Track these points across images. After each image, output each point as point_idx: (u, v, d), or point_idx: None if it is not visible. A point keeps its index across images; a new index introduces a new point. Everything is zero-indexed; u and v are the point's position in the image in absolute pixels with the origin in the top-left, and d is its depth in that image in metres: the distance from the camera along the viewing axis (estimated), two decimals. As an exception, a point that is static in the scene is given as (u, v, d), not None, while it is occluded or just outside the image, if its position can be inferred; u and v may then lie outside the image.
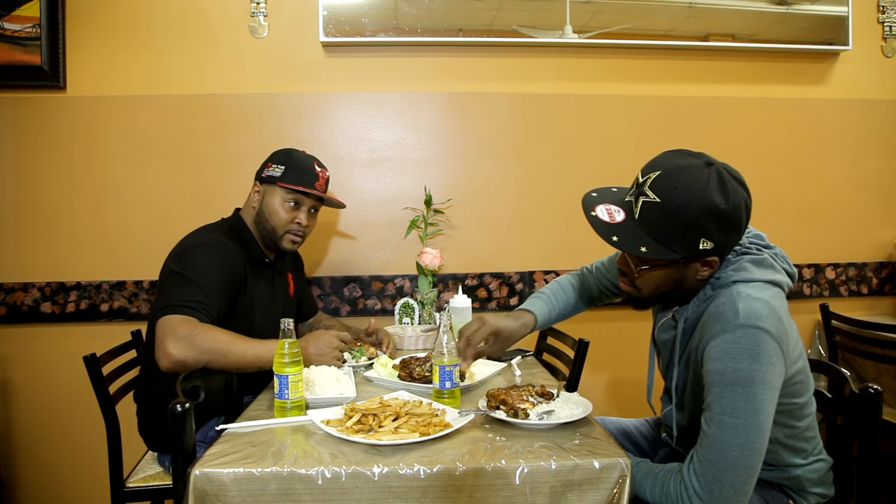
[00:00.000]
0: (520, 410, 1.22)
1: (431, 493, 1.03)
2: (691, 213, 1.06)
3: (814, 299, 2.54)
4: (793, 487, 1.23)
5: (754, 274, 1.13)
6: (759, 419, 1.02)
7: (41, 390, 2.31)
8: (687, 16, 2.44)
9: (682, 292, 1.20)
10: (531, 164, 2.45)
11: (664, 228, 1.09)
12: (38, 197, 2.29)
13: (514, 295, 2.45)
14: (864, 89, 2.59)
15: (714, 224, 1.07)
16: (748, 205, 1.11)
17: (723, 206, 1.06)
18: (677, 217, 1.07)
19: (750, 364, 1.02)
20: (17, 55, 2.23)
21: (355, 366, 1.72)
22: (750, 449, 1.02)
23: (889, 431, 2.06)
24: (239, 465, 1.04)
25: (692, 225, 1.07)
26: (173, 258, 1.64)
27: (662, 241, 1.10)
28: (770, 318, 1.05)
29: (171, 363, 1.44)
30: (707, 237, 1.08)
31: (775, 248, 1.24)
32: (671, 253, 1.10)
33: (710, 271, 1.14)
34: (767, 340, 1.03)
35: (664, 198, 1.08)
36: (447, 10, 2.34)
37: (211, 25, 2.33)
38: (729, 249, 1.15)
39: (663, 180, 1.09)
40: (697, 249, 1.09)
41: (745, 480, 1.02)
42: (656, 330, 1.35)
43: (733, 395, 1.02)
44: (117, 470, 1.68)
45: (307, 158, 1.82)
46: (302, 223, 1.79)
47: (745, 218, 1.12)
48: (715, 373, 1.05)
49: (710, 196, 1.06)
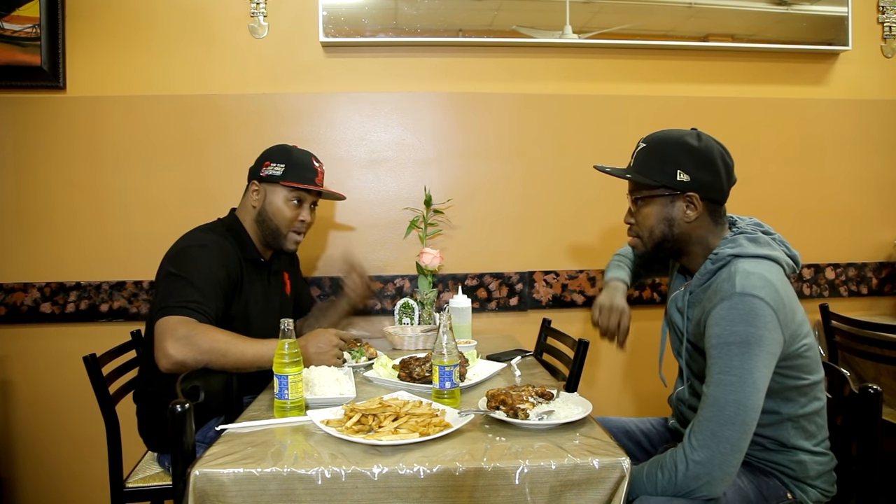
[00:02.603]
0: (519, 411, 1.22)
1: (431, 494, 1.03)
2: (666, 146, 1.28)
3: (814, 299, 2.54)
4: (797, 476, 1.23)
5: (749, 249, 1.22)
6: (753, 378, 1.09)
7: (41, 390, 2.31)
8: (687, 16, 2.44)
9: (676, 239, 1.31)
10: (531, 164, 2.45)
11: (647, 162, 1.30)
12: (39, 197, 2.29)
13: (514, 295, 2.45)
14: (864, 89, 2.59)
15: (687, 157, 1.25)
16: (725, 157, 1.28)
17: (694, 144, 1.26)
18: (656, 151, 1.29)
19: (745, 327, 1.10)
20: (17, 55, 2.23)
21: (355, 366, 1.72)
22: (745, 405, 1.08)
23: (889, 431, 2.06)
24: (239, 465, 1.04)
25: (666, 157, 1.27)
26: (169, 259, 1.64)
27: (645, 172, 1.30)
28: (766, 289, 1.13)
29: (170, 364, 1.44)
30: (682, 169, 1.25)
31: (776, 234, 1.32)
32: (652, 180, 1.28)
33: (694, 213, 1.27)
34: (763, 307, 1.11)
35: (648, 143, 1.32)
36: (447, 11, 2.35)
37: (211, 26, 2.33)
38: (710, 194, 1.26)
39: (651, 134, 1.33)
40: (675, 180, 1.25)
41: (740, 436, 1.09)
42: (668, 305, 1.41)
43: (730, 355, 1.11)
44: (117, 470, 1.68)
45: (305, 154, 1.82)
46: (306, 220, 1.80)
47: (722, 165, 1.26)
48: (713, 337, 1.14)
49: (684, 137, 1.27)
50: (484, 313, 2.43)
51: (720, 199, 1.29)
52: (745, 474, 1.22)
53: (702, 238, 1.30)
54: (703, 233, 1.29)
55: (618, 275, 1.63)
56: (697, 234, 1.29)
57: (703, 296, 1.25)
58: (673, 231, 1.30)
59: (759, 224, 1.33)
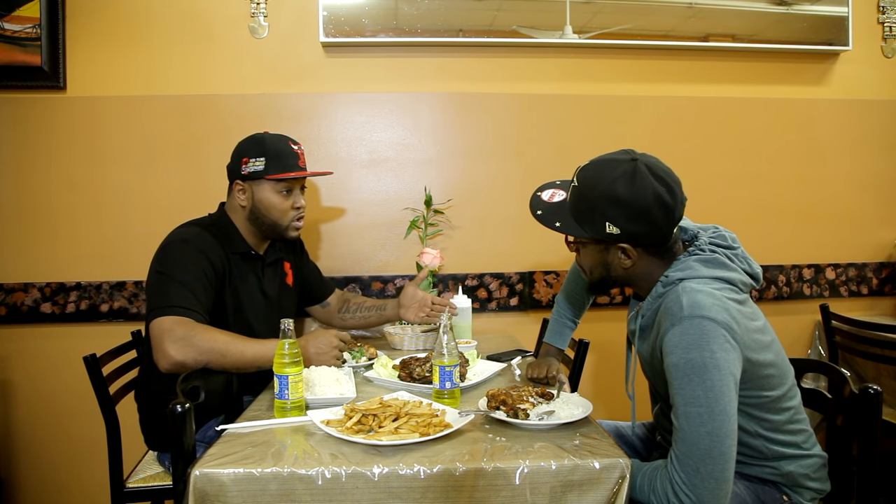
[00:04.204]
0: (520, 411, 1.22)
1: (431, 494, 1.03)
2: (593, 197, 1.18)
3: (814, 299, 2.54)
4: (787, 483, 1.23)
5: (700, 272, 1.17)
6: (721, 405, 1.04)
7: (41, 391, 2.31)
8: (687, 16, 2.44)
9: (618, 280, 1.27)
10: (531, 164, 2.45)
11: (578, 209, 1.22)
12: (39, 197, 2.29)
13: (514, 295, 2.45)
14: (864, 90, 2.59)
15: (616, 211, 1.16)
16: (664, 200, 1.15)
17: (624, 196, 1.15)
18: (584, 200, 1.20)
19: (700, 353, 1.06)
20: (18, 55, 2.23)
21: (355, 366, 1.72)
22: (719, 435, 1.04)
23: (889, 432, 2.06)
24: (239, 465, 1.04)
25: (595, 208, 1.18)
26: (155, 257, 1.63)
27: (577, 220, 1.22)
28: (714, 308, 1.08)
29: (170, 365, 1.45)
30: (611, 222, 1.17)
31: (738, 248, 1.26)
32: (581, 231, 1.22)
33: (629, 261, 1.21)
34: (714, 328, 1.07)
35: (580, 183, 1.22)
36: (447, 11, 2.35)
37: (211, 26, 2.33)
38: (646, 242, 1.19)
39: (586, 169, 1.23)
40: (605, 232, 1.19)
41: (722, 467, 1.04)
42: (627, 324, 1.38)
43: (691, 386, 1.06)
44: (117, 470, 1.68)
45: (280, 141, 1.76)
46: (300, 206, 1.78)
47: (659, 211, 1.15)
48: (672, 367, 1.09)
49: (613, 185, 1.16)
50: (484, 313, 2.43)
51: (660, 242, 1.21)
52: (740, 480, 1.22)
53: (645, 274, 1.24)
54: (646, 270, 1.23)
55: (552, 340, 1.70)
56: (638, 272, 1.24)
57: (655, 318, 1.21)
58: (611, 274, 1.26)
59: (721, 237, 1.26)
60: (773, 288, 2.55)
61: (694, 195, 1.32)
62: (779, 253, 2.56)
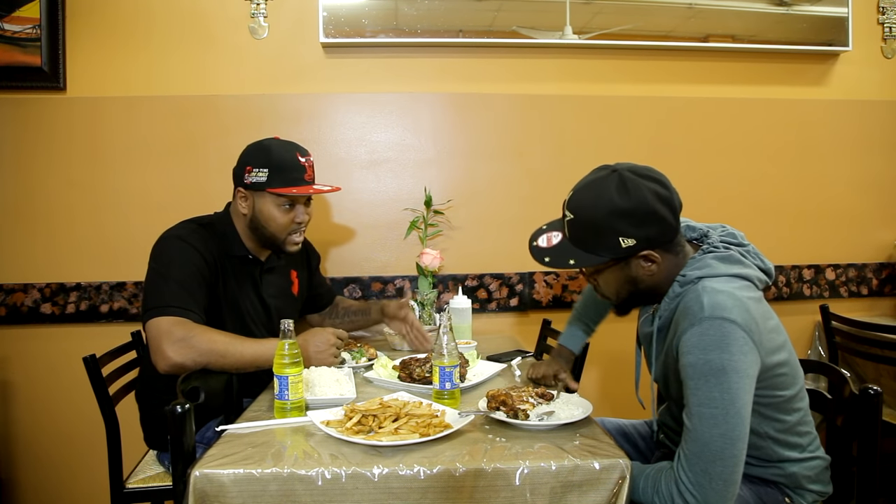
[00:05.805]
0: (520, 411, 1.22)
1: (431, 494, 1.03)
2: (598, 219, 1.16)
3: (814, 300, 2.54)
4: (789, 485, 1.23)
5: (718, 269, 1.16)
6: (736, 407, 1.04)
7: (41, 391, 2.31)
8: (687, 17, 2.44)
9: (646, 291, 1.23)
10: (531, 165, 2.45)
11: (585, 239, 1.19)
12: (38, 198, 2.29)
13: (514, 296, 2.45)
14: (864, 90, 2.59)
15: (624, 222, 1.14)
16: (661, 195, 1.15)
17: (625, 205, 1.14)
18: (589, 227, 1.17)
19: (720, 354, 1.04)
20: (18, 56, 2.23)
21: (355, 367, 1.71)
22: (731, 437, 1.03)
23: (889, 432, 2.06)
24: (239, 465, 1.04)
25: (604, 230, 1.15)
26: (151, 254, 1.63)
27: (589, 249, 1.19)
28: (736, 309, 1.07)
29: (169, 366, 1.44)
30: (624, 235, 1.15)
31: (749, 245, 1.26)
32: (599, 258, 1.19)
33: (654, 265, 1.18)
34: (735, 330, 1.05)
35: (576, 213, 1.19)
36: (447, 11, 2.35)
37: (211, 26, 2.33)
38: (662, 240, 1.18)
39: (573, 198, 1.21)
40: (622, 248, 1.16)
41: (732, 470, 1.04)
42: (638, 327, 1.38)
43: (708, 387, 1.05)
44: (117, 470, 1.68)
45: (287, 151, 1.67)
46: (301, 221, 1.71)
47: (663, 206, 1.15)
48: (688, 366, 1.07)
49: (611, 200, 1.14)
50: (484, 314, 2.43)
51: (673, 236, 1.19)
52: (743, 481, 1.22)
53: (670, 275, 1.21)
54: (670, 270, 1.21)
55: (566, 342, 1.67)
56: (664, 275, 1.21)
57: (672, 318, 1.20)
58: (639, 287, 1.22)
59: (731, 235, 1.26)
60: (773, 288, 2.55)
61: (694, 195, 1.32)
62: (779, 253, 2.56)
